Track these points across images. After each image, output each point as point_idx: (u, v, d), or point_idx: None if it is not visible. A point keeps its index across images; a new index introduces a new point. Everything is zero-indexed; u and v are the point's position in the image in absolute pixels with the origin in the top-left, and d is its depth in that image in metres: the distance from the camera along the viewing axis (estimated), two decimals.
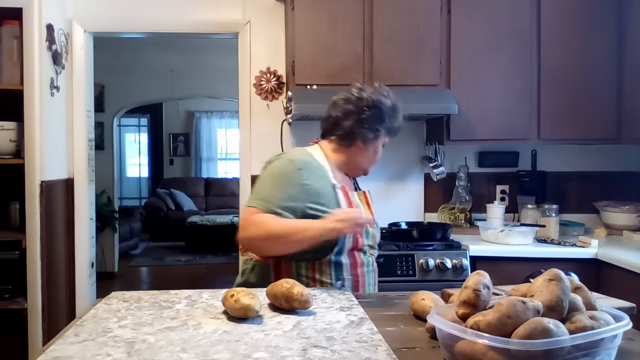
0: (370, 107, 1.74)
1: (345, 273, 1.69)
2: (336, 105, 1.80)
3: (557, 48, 2.93)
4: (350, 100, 1.77)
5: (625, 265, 2.38)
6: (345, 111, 1.77)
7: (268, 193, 1.65)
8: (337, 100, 1.81)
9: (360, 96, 1.76)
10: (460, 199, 3.18)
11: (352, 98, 1.77)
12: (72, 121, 3.21)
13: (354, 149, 1.79)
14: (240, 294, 1.23)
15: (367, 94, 1.76)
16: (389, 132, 1.81)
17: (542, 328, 0.87)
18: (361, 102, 1.75)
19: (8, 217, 2.94)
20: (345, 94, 1.80)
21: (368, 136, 1.76)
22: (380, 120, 1.76)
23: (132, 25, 3.27)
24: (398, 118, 1.80)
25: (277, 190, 1.65)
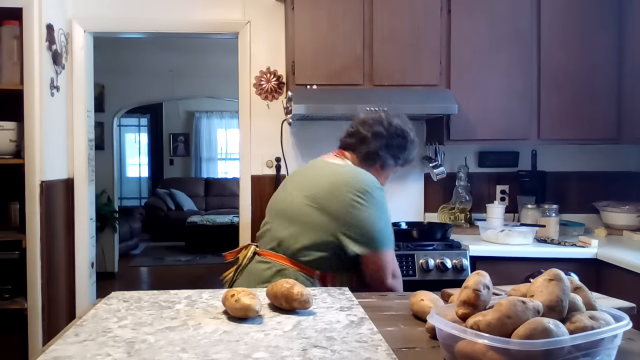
0: (398, 135, 1.85)
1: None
2: (365, 124, 1.87)
3: (557, 48, 2.93)
4: (381, 123, 1.85)
5: (625, 265, 2.38)
6: (375, 132, 1.84)
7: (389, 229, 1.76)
8: (366, 119, 1.88)
9: (390, 122, 1.85)
10: (460, 199, 3.18)
11: (383, 122, 1.85)
12: (72, 121, 3.21)
13: (371, 170, 1.84)
14: (240, 294, 1.23)
15: (396, 122, 1.86)
16: (404, 162, 1.92)
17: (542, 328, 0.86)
18: (391, 128, 1.84)
19: (8, 217, 2.94)
20: (374, 116, 1.88)
21: (389, 162, 1.86)
22: (403, 150, 1.87)
23: (132, 25, 3.27)
24: (415, 151, 1.93)
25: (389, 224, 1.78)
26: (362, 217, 1.68)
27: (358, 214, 1.68)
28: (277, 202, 1.91)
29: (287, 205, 1.81)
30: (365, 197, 1.69)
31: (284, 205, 1.83)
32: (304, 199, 1.75)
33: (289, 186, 1.91)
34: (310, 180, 1.82)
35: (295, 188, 1.83)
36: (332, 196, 1.71)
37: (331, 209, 1.69)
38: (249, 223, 3.20)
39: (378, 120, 1.86)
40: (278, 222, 1.81)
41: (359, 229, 1.68)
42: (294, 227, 1.74)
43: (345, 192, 1.70)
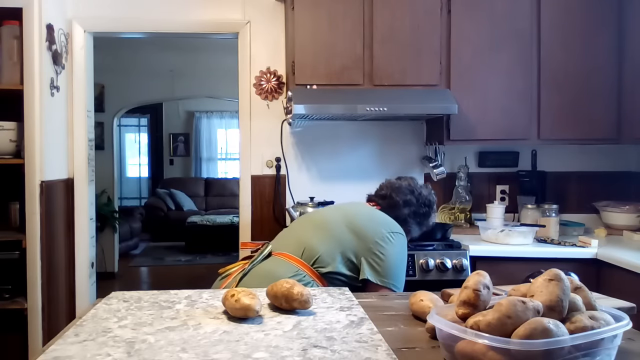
0: (425, 204, 2.01)
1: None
2: (399, 191, 2.01)
3: (557, 48, 2.93)
4: (412, 192, 2.01)
5: (625, 265, 2.38)
6: (406, 200, 1.99)
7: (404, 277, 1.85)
8: (400, 186, 2.03)
9: (420, 192, 2.02)
10: (460, 199, 3.18)
11: (415, 191, 2.01)
12: (72, 121, 3.21)
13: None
14: (240, 294, 1.23)
15: (425, 192, 2.03)
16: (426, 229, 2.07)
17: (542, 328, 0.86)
18: (421, 198, 2.00)
19: (8, 217, 2.94)
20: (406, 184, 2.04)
21: (413, 229, 2.01)
22: (427, 218, 2.03)
23: (132, 25, 3.27)
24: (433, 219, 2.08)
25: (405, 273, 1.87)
26: (387, 251, 1.79)
27: (385, 247, 1.79)
28: (312, 216, 2.06)
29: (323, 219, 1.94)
30: (395, 237, 1.83)
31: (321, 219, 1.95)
32: (342, 219, 1.88)
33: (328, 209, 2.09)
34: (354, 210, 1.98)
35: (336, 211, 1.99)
36: (368, 225, 1.84)
37: (364, 234, 1.81)
38: (249, 223, 3.20)
39: (410, 189, 2.01)
40: (307, 228, 1.90)
41: (381, 260, 1.78)
42: (322, 236, 1.82)
43: (380, 227, 1.84)
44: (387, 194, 2.02)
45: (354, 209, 2.00)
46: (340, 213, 1.93)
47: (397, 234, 1.84)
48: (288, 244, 1.84)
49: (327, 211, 2.05)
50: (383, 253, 1.77)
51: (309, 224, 1.94)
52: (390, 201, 2.00)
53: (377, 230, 1.81)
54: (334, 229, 1.84)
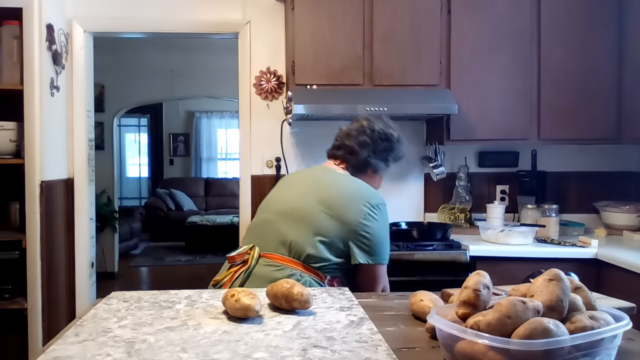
0: (382, 139, 1.91)
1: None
2: (350, 136, 1.93)
3: (557, 48, 2.93)
4: (364, 132, 1.91)
5: (625, 265, 2.38)
6: (360, 142, 1.90)
7: (389, 247, 1.82)
8: (350, 131, 1.94)
9: (372, 128, 1.92)
10: (460, 199, 3.18)
11: (366, 130, 1.92)
12: (72, 121, 3.21)
13: (364, 177, 1.92)
14: (241, 294, 1.23)
15: (379, 126, 1.93)
16: (395, 161, 1.98)
17: (542, 328, 0.86)
18: (374, 134, 1.91)
19: (8, 217, 2.94)
20: (357, 126, 1.94)
21: (380, 166, 1.93)
22: (391, 151, 1.93)
23: (132, 25, 3.27)
24: (402, 148, 1.98)
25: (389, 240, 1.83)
26: (373, 229, 1.76)
27: (370, 225, 1.76)
28: (283, 201, 1.89)
29: (297, 206, 1.81)
30: (377, 211, 1.78)
31: (294, 206, 1.82)
32: (317, 204, 1.77)
33: (297, 187, 1.92)
34: (324, 185, 1.84)
35: (306, 191, 1.85)
36: (347, 206, 1.77)
37: (346, 218, 1.75)
38: (249, 223, 3.20)
39: (361, 130, 1.92)
40: (284, 221, 1.79)
41: (369, 240, 1.75)
42: (304, 229, 1.74)
43: (360, 204, 1.77)
44: (341, 143, 1.95)
45: (324, 182, 1.86)
46: (312, 194, 1.81)
47: (377, 206, 1.78)
48: (272, 243, 1.78)
49: (296, 193, 1.88)
50: (369, 232, 1.75)
51: (287, 217, 1.80)
52: (346, 149, 1.93)
53: (358, 209, 1.75)
54: (314, 219, 1.75)
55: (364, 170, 1.92)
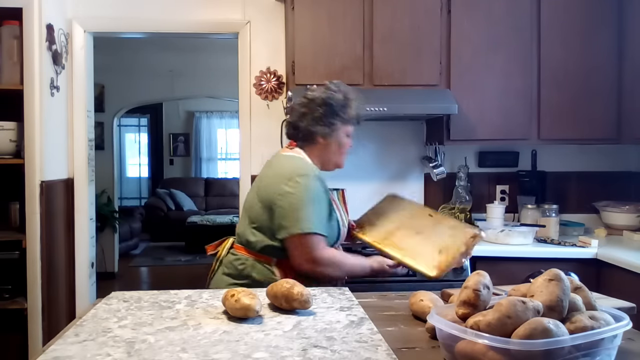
0: (321, 104, 1.88)
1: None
2: (293, 110, 1.96)
3: (557, 47, 2.93)
4: (303, 104, 1.92)
5: (625, 265, 2.38)
6: (300, 114, 1.92)
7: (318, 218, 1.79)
8: (293, 105, 1.98)
9: (312, 97, 1.91)
10: (460, 199, 3.18)
11: (305, 101, 1.92)
12: (72, 121, 3.20)
13: (318, 146, 1.93)
14: (241, 294, 1.24)
15: (318, 93, 1.91)
16: (346, 122, 1.93)
17: (542, 328, 0.87)
18: (313, 103, 1.89)
19: (8, 217, 2.94)
20: (300, 99, 1.95)
21: (325, 131, 1.90)
22: (334, 114, 1.89)
23: (132, 25, 3.27)
24: (352, 107, 1.93)
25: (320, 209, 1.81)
26: (285, 203, 1.78)
27: (284, 199, 1.78)
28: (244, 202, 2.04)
29: (246, 199, 1.98)
30: (292, 184, 1.79)
31: (246, 199, 1.99)
32: (254, 193, 1.91)
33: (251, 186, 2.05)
34: (262, 173, 1.96)
35: (255, 182, 1.99)
36: (268, 187, 1.85)
37: (266, 199, 1.83)
38: None
39: (300, 103, 1.94)
40: (241, 214, 2.01)
41: (283, 211, 1.78)
42: (244, 219, 1.91)
43: (279, 182, 1.82)
44: (287, 121, 2.01)
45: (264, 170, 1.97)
46: (255, 184, 1.95)
47: (292, 179, 1.79)
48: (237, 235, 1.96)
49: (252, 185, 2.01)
50: (282, 205, 1.77)
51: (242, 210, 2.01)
52: (290, 126, 1.97)
53: (275, 188, 1.81)
54: (250, 208, 1.89)
55: (312, 141, 1.92)
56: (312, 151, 1.94)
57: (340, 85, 1.94)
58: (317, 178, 1.83)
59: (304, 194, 1.77)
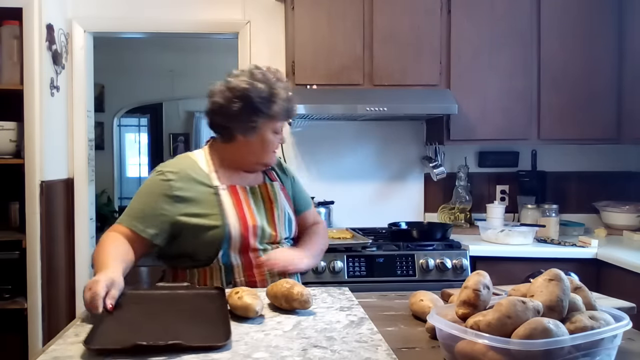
0: (239, 97, 1.60)
1: (237, 275, 1.62)
2: (210, 97, 1.66)
3: (557, 48, 2.93)
4: (220, 92, 1.63)
5: (625, 265, 2.38)
6: (215, 105, 1.64)
7: (133, 208, 1.62)
8: (210, 91, 1.67)
9: (230, 85, 1.62)
10: (460, 199, 3.18)
11: (222, 88, 1.63)
12: (72, 121, 3.20)
13: (236, 144, 1.67)
14: (245, 292, 1.25)
15: (237, 81, 1.61)
16: (271, 118, 1.64)
17: (542, 328, 0.87)
18: (230, 93, 1.61)
19: (8, 217, 2.94)
20: (218, 84, 1.66)
21: (246, 130, 1.64)
22: (254, 110, 1.61)
23: (132, 25, 3.27)
24: (277, 102, 1.63)
25: (142, 205, 1.62)
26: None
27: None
28: None
29: None
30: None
31: None
32: None
33: None
34: None
35: None
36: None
37: None
38: None
39: (218, 90, 1.64)
40: None
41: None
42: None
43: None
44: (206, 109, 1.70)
45: None
46: None
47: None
48: None
49: None
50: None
51: None
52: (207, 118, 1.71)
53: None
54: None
55: (231, 138, 1.67)
56: (228, 149, 1.70)
57: (267, 73, 1.64)
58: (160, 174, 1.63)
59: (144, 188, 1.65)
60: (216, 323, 1.15)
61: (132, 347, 0.98)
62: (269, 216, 1.69)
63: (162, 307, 1.28)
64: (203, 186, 1.64)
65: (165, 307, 1.29)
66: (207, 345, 1.02)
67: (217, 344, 1.03)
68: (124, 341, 1.00)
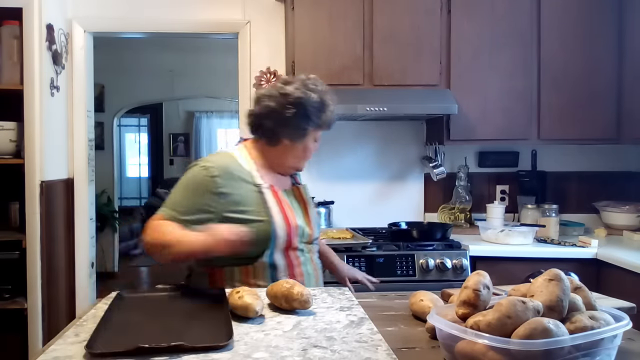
0: (293, 104, 1.65)
1: (281, 274, 1.63)
2: (258, 102, 1.70)
3: (557, 48, 2.93)
4: (273, 97, 1.67)
5: (625, 265, 2.38)
6: (267, 109, 1.67)
7: (176, 201, 1.62)
8: (260, 95, 1.71)
9: (284, 92, 1.66)
10: (460, 199, 3.18)
11: (275, 94, 1.67)
12: (72, 121, 3.20)
13: (281, 147, 1.72)
14: (245, 292, 1.25)
15: (292, 89, 1.67)
16: (318, 127, 1.72)
17: (542, 328, 0.87)
18: (284, 99, 1.66)
19: (8, 217, 2.94)
20: (269, 89, 1.71)
21: (295, 136, 1.70)
22: (306, 118, 1.67)
23: (132, 25, 3.27)
24: (327, 112, 1.71)
25: (185, 199, 1.62)
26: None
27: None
28: None
29: None
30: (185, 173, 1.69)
31: None
32: None
33: None
34: None
35: None
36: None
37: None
38: None
39: (270, 95, 1.68)
40: None
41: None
42: None
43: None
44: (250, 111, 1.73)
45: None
46: None
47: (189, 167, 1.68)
48: None
49: None
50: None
51: None
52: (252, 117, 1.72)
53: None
54: None
55: (277, 142, 1.70)
56: (270, 151, 1.73)
57: (318, 83, 1.73)
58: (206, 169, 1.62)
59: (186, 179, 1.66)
60: (218, 323, 1.15)
61: (135, 349, 0.98)
62: (305, 216, 1.75)
63: (163, 308, 1.28)
64: (246, 184, 1.65)
65: (165, 308, 1.29)
66: (209, 346, 1.02)
67: (219, 344, 1.03)
68: (125, 344, 1.00)
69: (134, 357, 0.97)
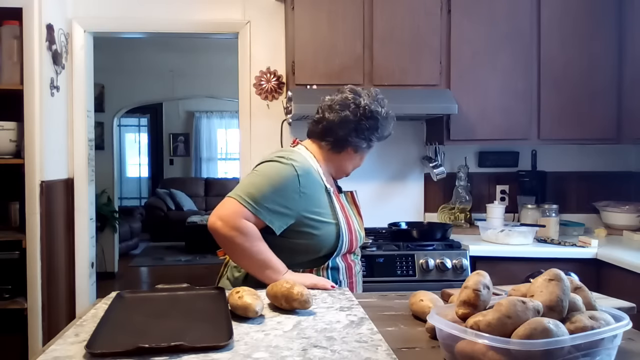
0: (367, 117, 1.70)
1: (342, 276, 1.70)
2: (332, 110, 1.73)
3: (557, 48, 2.93)
4: (347, 107, 1.71)
5: (625, 265, 2.38)
6: (341, 118, 1.71)
7: (262, 196, 1.58)
8: (332, 104, 1.74)
9: (358, 104, 1.71)
10: (460, 199, 3.18)
11: (350, 105, 1.71)
12: (72, 121, 3.21)
13: (344, 155, 1.77)
14: (245, 292, 1.25)
15: (365, 102, 1.71)
16: (379, 140, 1.80)
17: (542, 328, 0.87)
18: (358, 110, 1.70)
19: (8, 217, 2.94)
20: (341, 98, 1.74)
21: (361, 145, 1.75)
22: (375, 131, 1.74)
23: (132, 25, 3.27)
24: (390, 126, 1.79)
25: (273, 195, 1.59)
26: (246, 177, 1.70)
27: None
28: None
29: None
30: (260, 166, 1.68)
31: None
32: None
33: None
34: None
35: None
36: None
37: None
38: None
39: (344, 104, 1.72)
40: None
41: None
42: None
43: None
44: (321, 117, 1.75)
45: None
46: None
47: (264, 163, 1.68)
48: None
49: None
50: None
51: None
52: (323, 123, 1.73)
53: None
54: None
55: (342, 149, 1.75)
56: (333, 157, 1.77)
57: (384, 98, 1.77)
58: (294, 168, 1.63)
59: (263, 172, 1.64)
60: (218, 323, 1.15)
61: (135, 349, 0.98)
62: (359, 221, 1.82)
63: (163, 309, 1.28)
64: (320, 186, 1.70)
65: (166, 308, 1.29)
66: (209, 346, 1.02)
67: (219, 344, 1.03)
68: (125, 344, 1.00)
69: (134, 357, 0.97)
